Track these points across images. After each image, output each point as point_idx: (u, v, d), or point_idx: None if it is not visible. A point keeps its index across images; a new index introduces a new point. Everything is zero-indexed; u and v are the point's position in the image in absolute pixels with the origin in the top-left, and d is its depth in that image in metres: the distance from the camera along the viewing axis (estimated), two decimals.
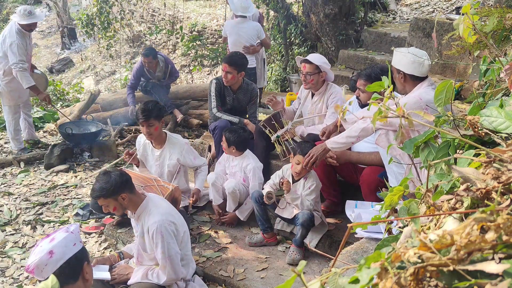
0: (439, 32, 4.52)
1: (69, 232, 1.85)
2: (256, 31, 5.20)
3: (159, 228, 2.37)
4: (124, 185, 2.41)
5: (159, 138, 3.35)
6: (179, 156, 3.34)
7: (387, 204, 1.10)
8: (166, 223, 2.41)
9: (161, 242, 2.38)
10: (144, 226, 2.46)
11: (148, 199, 2.52)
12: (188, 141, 3.55)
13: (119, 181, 2.39)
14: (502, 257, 0.61)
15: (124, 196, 2.40)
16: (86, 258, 1.86)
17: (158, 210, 2.46)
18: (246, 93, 3.96)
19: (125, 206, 2.44)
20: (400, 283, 0.61)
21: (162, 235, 2.37)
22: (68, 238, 1.81)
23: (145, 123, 3.20)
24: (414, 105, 2.31)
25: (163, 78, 5.57)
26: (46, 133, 5.79)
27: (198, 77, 9.66)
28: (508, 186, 0.76)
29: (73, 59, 12.29)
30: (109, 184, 2.37)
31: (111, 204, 2.41)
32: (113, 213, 3.38)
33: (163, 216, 2.42)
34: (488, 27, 1.68)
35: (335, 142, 2.70)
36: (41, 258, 1.75)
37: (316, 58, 3.40)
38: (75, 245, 1.82)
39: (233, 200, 3.37)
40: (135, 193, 2.49)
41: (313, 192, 2.98)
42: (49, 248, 1.77)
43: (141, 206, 2.48)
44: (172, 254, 2.41)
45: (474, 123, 1.05)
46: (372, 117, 1.03)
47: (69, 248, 1.78)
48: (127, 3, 10.26)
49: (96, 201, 3.32)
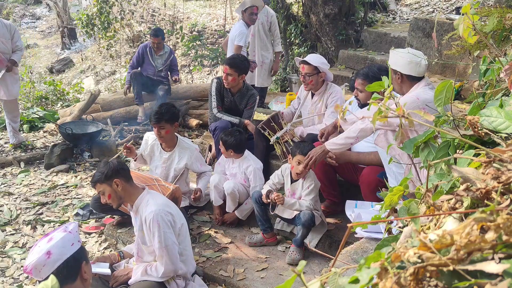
0: (439, 32, 4.52)
1: (67, 231, 1.85)
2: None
3: (155, 217, 2.40)
4: (118, 171, 2.46)
5: (170, 141, 3.36)
6: (188, 161, 3.35)
7: (387, 204, 1.10)
8: (163, 213, 2.43)
9: (157, 231, 2.40)
10: (142, 217, 2.49)
11: (147, 191, 2.56)
12: (198, 147, 3.56)
13: (115, 167, 2.46)
14: (502, 257, 0.61)
15: (117, 182, 2.44)
16: (84, 258, 1.86)
17: (155, 201, 2.49)
18: (244, 97, 3.91)
19: (120, 194, 2.47)
20: (400, 283, 0.61)
21: (158, 223, 2.40)
22: (66, 238, 1.81)
23: (156, 125, 3.21)
24: (411, 105, 2.31)
25: (161, 66, 5.70)
26: (46, 133, 5.79)
27: (198, 77, 9.66)
28: (508, 186, 0.76)
29: (73, 59, 12.28)
30: (105, 169, 2.44)
31: (106, 190, 2.45)
32: (114, 212, 3.41)
33: (160, 206, 2.45)
34: (488, 27, 1.68)
35: (334, 144, 2.70)
36: (39, 259, 1.75)
37: (314, 59, 3.39)
38: (73, 245, 1.82)
39: (232, 200, 3.37)
40: (132, 184, 2.53)
41: (312, 192, 2.97)
42: (46, 248, 1.77)
43: (139, 198, 2.51)
44: (169, 244, 2.42)
45: (474, 123, 1.05)
46: (371, 117, 1.03)
47: (67, 249, 1.79)
48: (127, 3, 10.26)
49: (96, 199, 3.35)
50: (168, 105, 3.37)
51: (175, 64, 5.87)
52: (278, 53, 5.59)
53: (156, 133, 3.27)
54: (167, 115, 3.20)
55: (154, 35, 5.59)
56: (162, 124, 3.20)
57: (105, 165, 2.48)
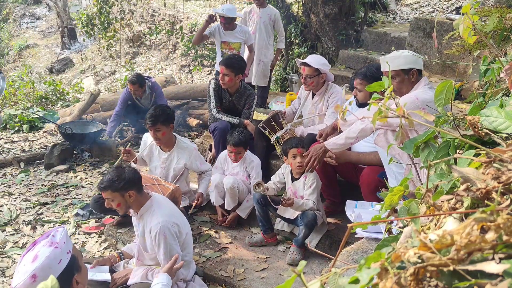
0: (439, 32, 4.52)
1: (54, 246, 1.67)
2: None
3: (162, 229, 2.37)
4: (134, 183, 2.40)
5: (168, 142, 3.36)
6: (187, 161, 3.35)
7: (387, 204, 1.10)
8: (169, 224, 2.40)
9: (163, 243, 2.38)
10: (146, 226, 2.46)
11: (153, 199, 2.52)
12: (197, 146, 3.56)
13: (131, 178, 2.38)
14: (502, 257, 0.61)
15: (131, 194, 2.39)
16: (76, 269, 1.72)
17: (161, 211, 2.45)
18: (242, 97, 3.91)
19: (129, 204, 2.43)
20: (400, 283, 0.61)
21: (165, 236, 2.37)
22: (52, 256, 1.64)
23: (152, 128, 3.21)
24: (411, 105, 2.31)
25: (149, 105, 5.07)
26: (46, 133, 5.79)
27: (198, 77, 9.66)
28: (508, 186, 0.76)
29: (73, 59, 12.29)
30: (121, 178, 2.35)
31: (117, 199, 2.38)
32: (113, 213, 3.41)
33: (167, 218, 2.41)
34: (488, 27, 1.68)
35: (334, 144, 2.71)
36: (25, 283, 1.62)
37: (315, 61, 3.39)
38: (61, 262, 1.65)
39: (231, 197, 3.36)
40: (142, 193, 2.49)
41: (314, 191, 2.97)
42: (31, 270, 1.62)
43: (144, 206, 2.47)
44: (173, 255, 2.41)
45: (474, 123, 1.05)
46: (371, 117, 1.03)
47: (54, 269, 1.63)
48: (127, 3, 10.26)
49: (96, 199, 3.35)
50: (162, 107, 3.37)
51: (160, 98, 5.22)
52: (279, 50, 5.61)
53: (153, 136, 3.27)
54: (162, 117, 3.20)
55: (131, 82, 5.02)
56: (158, 127, 3.20)
57: (120, 174, 2.37)
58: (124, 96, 5.20)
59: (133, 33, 11.28)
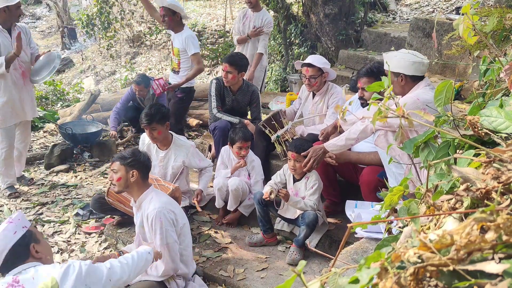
0: (439, 32, 4.52)
1: (9, 222, 1.93)
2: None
3: (158, 215, 2.42)
4: (141, 166, 2.54)
5: (165, 140, 3.37)
6: (185, 159, 3.35)
7: (387, 204, 1.10)
8: (165, 211, 2.45)
9: (159, 228, 2.42)
10: (144, 214, 2.51)
11: (152, 188, 2.61)
12: (194, 143, 3.56)
13: (142, 160, 2.55)
14: (502, 257, 0.61)
15: (134, 173, 2.50)
16: (33, 240, 1.94)
17: (159, 199, 2.52)
18: (245, 94, 3.93)
19: (129, 183, 2.51)
20: (400, 283, 0.61)
21: (161, 221, 2.42)
22: (7, 229, 1.90)
23: (147, 127, 3.21)
24: (412, 105, 2.31)
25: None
26: (46, 133, 5.79)
27: (198, 77, 9.65)
28: (508, 186, 0.76)
29: (73, 59, 12.28)
30: (133, 155, 2.53)
31: (120, 172, 2.50)
32: (113, 213, 3.41)
33: (163, 204, 2.48)
34: (488, 27, 1.68)
35: (334, 145, 2.71)
36: None
37: (317, 60, 3.39)
38: (16, 233, 1.90)
39: (234, 198, 3.36)
40: (144, 182, 2.58)
41: (316, 192, 2.97)
42: None
43: (144, 193, 2.54)
44: (170, 242, 2.44)
45: (474, 123, 1.05)
46: (371, 118, 1.03)
47: (9, 238, 1.88)
48: (127, 3, 10.26)
49: (96, 199, 3.36)
50: (157, 105, 3.37)
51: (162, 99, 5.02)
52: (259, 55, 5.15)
53: (149, 135, 3.28)
54: (158, 116, 3.20)
55: (136, 82, 5.03)
56: (153, 126, 3.21)
57: (137, 153, 2.57)
58: (127, 96, 5.22)
59: (133, 33, 11.28)
